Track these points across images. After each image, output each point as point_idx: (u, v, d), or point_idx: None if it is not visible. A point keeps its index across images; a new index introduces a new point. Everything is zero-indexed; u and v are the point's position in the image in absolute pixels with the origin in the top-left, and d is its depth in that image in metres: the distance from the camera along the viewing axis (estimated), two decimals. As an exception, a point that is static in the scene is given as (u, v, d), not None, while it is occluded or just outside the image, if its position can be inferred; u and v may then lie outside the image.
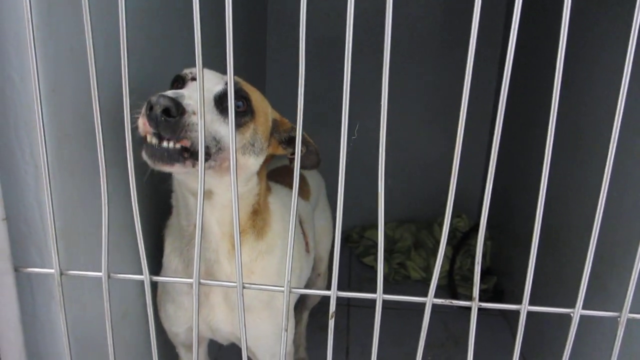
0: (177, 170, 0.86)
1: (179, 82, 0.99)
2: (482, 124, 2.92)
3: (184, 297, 1.14)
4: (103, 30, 0.88)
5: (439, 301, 0.69)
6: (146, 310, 0.74)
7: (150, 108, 0.79)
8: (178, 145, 0.83)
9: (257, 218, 1.09)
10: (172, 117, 0.80)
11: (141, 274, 0.71)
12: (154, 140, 0.82)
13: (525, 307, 0.70)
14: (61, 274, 0.71)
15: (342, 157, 0.64)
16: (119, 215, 1.01)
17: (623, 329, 0.71)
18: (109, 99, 0.90)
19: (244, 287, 0.71)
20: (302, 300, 1.97)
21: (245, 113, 0.95)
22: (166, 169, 0.85)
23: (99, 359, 0.95)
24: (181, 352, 1.30)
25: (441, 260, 0.66)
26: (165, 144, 0.82)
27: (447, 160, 1.90)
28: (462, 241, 2.82)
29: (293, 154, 1.10)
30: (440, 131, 2.97)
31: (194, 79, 0.97)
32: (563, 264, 1.89)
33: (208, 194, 1.00)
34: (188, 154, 0.83)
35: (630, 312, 0.71)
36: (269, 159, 1.08)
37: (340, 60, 0.63)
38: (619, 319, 0.71)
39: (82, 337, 0.91)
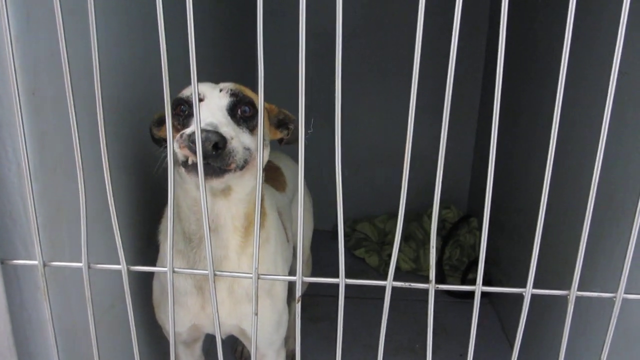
0: (227, 180, 0.95)
1: (182, 104, 1.00)
2: (470, 116, 2.96)
3: (187, 297, 1.16)
4: (83, 34, 0.92)
5: (399, 284, 0.74)
6: (134, 302, 0.78)
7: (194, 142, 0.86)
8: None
9: (261, 206, 1.14)
10: (220, 149, 0.87)
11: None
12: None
13: (479, 288, 0.75)
14: (44, 265, 0.76)
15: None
16: (107, 209, 1.05)
17: (572, 306, 0.76)
18: (90, 99, 0.94)
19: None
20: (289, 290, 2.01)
21: (254, 116, 1.01)
22: (217, 182, 0.94)
23: (86, 348, 1.00)
24: (180, 349, 1.33)
25: (398, 242, 0.71)
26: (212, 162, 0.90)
27: (436, 154, 1.91)
28: (451, 232, 2.87)
29: (287, 135, 1.18)
30: (429, 124, 3.00)
31: (200, 99, 0.99)
32: (553, 250, 1.93)
33: (226, 192, 1.04)
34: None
35: (579, 290, 0.75)
36: None
37: (330, 54, 0.67)
38: (568, 297, 0.76)
39: (68, 326, 0.96)
